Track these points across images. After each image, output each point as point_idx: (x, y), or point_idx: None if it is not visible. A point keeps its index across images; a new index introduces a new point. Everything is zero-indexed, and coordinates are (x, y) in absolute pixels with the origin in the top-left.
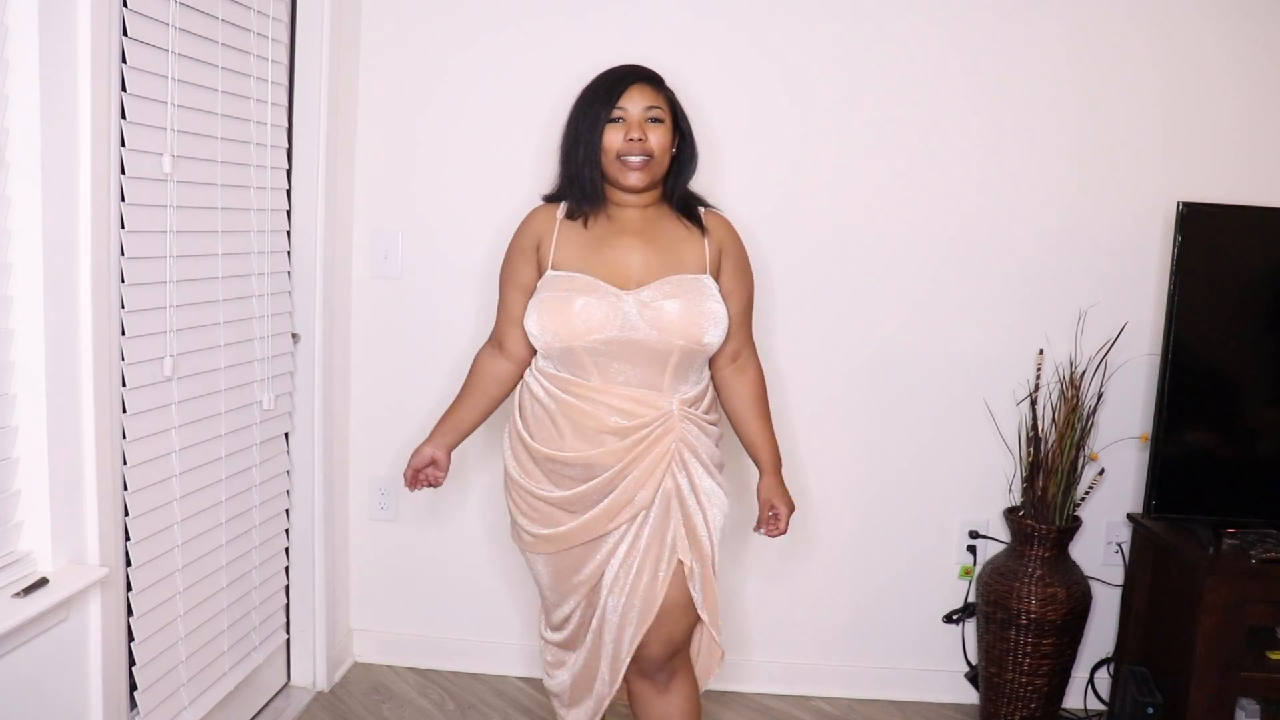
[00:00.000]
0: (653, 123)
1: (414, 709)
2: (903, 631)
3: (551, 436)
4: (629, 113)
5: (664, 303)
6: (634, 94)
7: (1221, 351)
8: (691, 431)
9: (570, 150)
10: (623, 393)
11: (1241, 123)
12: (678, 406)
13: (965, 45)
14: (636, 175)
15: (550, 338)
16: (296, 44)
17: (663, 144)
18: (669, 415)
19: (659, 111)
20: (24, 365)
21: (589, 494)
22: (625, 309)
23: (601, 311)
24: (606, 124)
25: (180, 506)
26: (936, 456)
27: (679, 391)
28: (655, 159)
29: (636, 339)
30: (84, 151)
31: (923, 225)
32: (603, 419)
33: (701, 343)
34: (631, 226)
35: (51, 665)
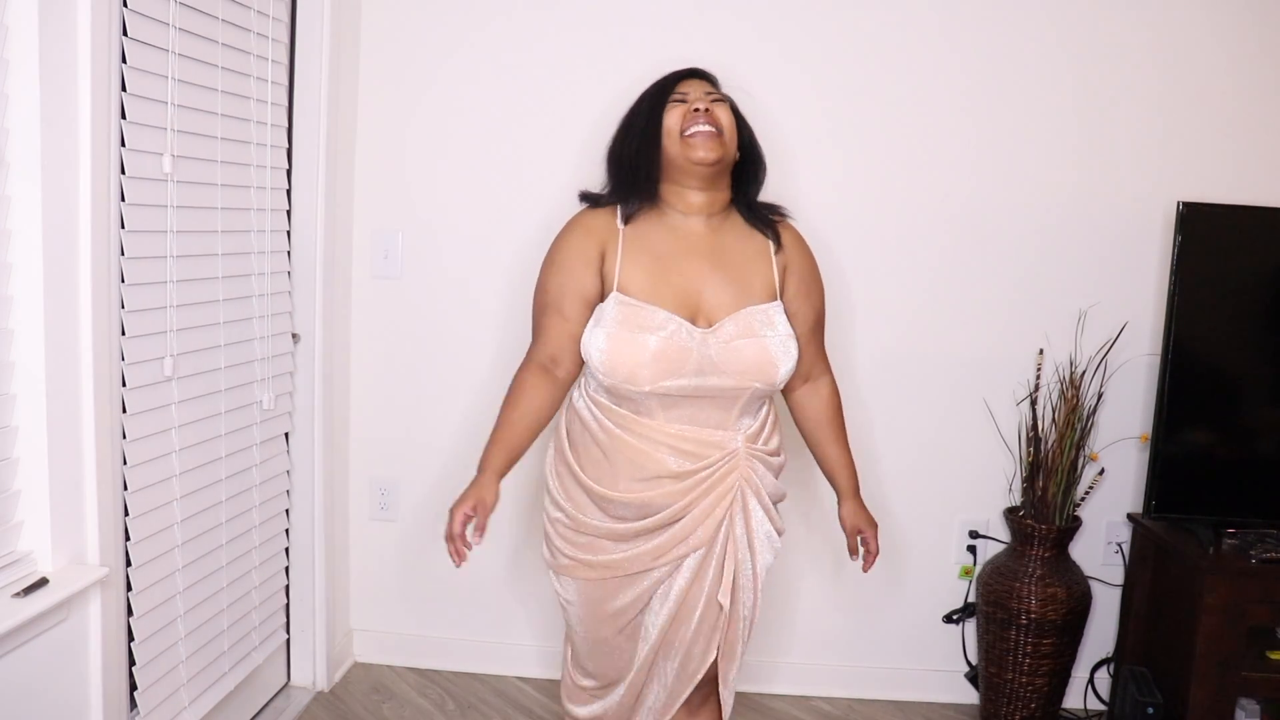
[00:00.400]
0: (716, 102)
1: (414, 709)
2: (903, 631)
3: (604, 474)
4: (689, 95)
5: (739, 343)
6: (692, 83)
7: (1221, 351)
8: (756, 469)
9: (622, 143)
10: (685, 433)
11: (1241, 123)
12: (743, 444)
13: (964, 45)
14: (705, 148)
15: (617, 379)
16: (296, 44)
17: (729, 121)
18: (734, 454)
19: (721, 97)
20: (24, 365)
21: (642, 530)
22: (703, 351)
23: (677, 356)
24: (666, 106)
25: (180, 506)
26: (936, 456)
27: (743, 426)
28: (726, 131)
29: (710, 384)
30: (84, 151)
31: (922, 225)
32: (662, 461)
33: (774, 382)
34: (699, 246)
35: (51, 665)
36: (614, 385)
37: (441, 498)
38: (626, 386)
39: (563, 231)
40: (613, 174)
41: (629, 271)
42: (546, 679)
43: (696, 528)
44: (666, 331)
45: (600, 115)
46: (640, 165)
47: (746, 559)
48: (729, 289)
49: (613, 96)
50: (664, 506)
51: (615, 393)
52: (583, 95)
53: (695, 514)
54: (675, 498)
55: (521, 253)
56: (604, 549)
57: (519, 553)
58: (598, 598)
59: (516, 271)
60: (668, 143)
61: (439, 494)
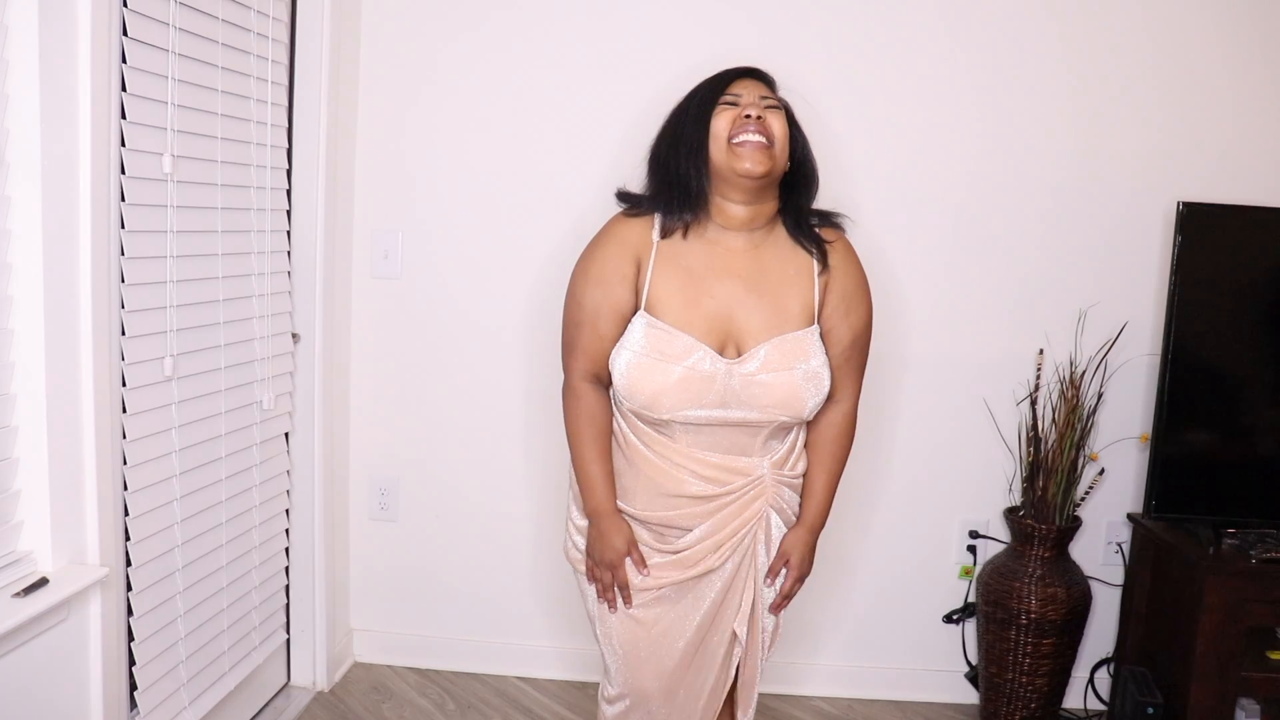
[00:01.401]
0: (771, 109)
1: (414, 709)
2: (903, 631)
3: (625, 488)
4: (742, 98)
5: (765, 377)
6: (747, 83)
7: (1221, 351)
8: (783, 494)
9: (668, 147)
10: (709, 460)
11: (1241, 123)
12: (769, 469)
13: (964, 44)
14: (752, 160)
15: (636, 405)
16: (296, 44)
17: (782, 131)
18: (760, 480)
19: (775, 102)
20: (24, 365)
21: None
22: (728, 384)
23: (700, 386)
24: (716, 109)
25: (180, 506)
26: (937, 456)
27: (770, 451)
28: (776, 146)
29: (734, 417)
30: (84, 151)
31: (922, 225)
32: (684, 483)
33: (802, 415)
34: (735, 265)
35: (51, 665)
36: (633, 409)
37: (441, 498)
38: (646, 412)
39: (598, 240)
40: (655, 179)
41: (660, 289)
42: (547, 679)
43: (718, 547)
44: (691, 360)
45: (601, 113)
46: (688, 176)
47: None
48: (762, 314)
49: (616, 92)
50: (684, 526)
51: (642, 418)
52: (583, 93)
53: (718, 537)
54: (695, 520)
55: (522, 252)
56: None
57: (519, 553)
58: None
59: (517, 271)
60: (714, 148)
61: (439, 494)
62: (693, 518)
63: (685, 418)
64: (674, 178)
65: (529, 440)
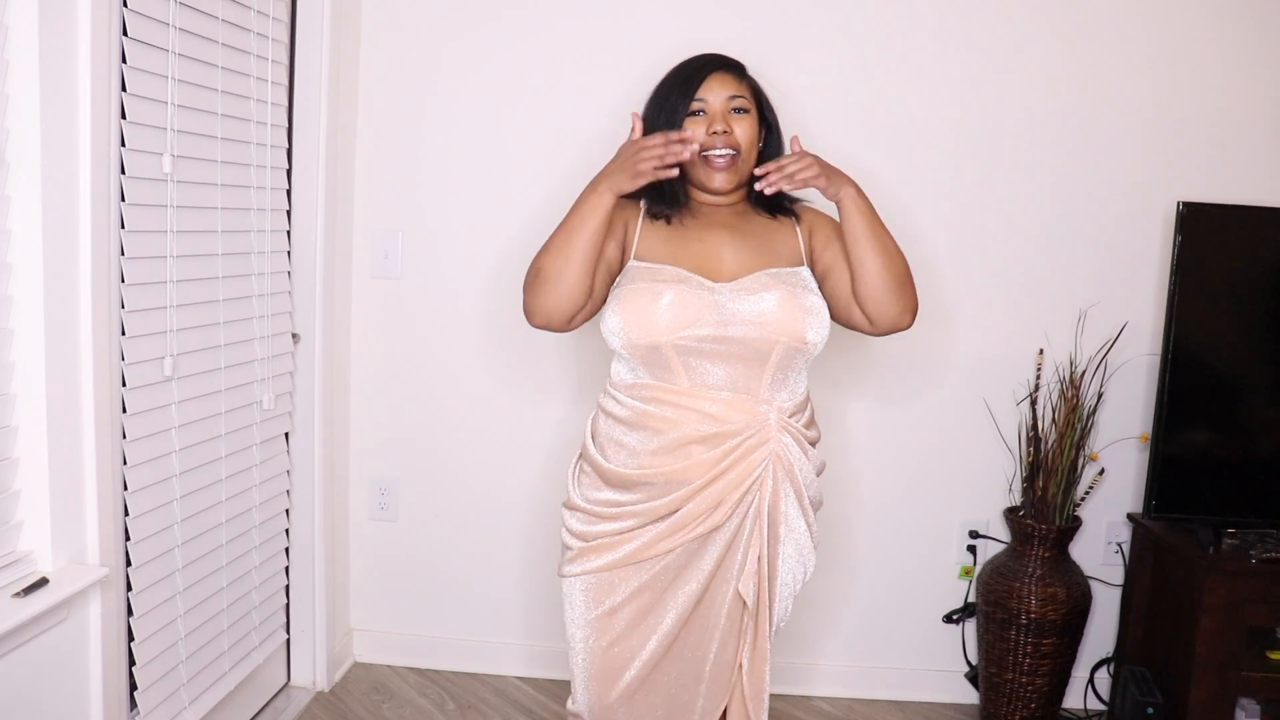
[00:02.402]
0: (737, 114)
1: (414, 709)
2: (903, 631)
3: (629, 456)
4: (710, 104)
5: (762, 294)
6: (713, 84)
7: (1221, 351)
8: (790, 448)
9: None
10: (714, 396)
11: (1241, 123)
12: (775, 415)
13: (963, 44)
14: (722, 176)
15: (635, 334)
16: (296, 44)
17: (749, 137)
18: (765, 422)
19: (743, 101)
20: (24, 365)
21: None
22: (721, 302)
23: (695, 305)
24: (686, 118)
25: (180, 506)
26: (936, 456)
27: (777, 399)
28: (742, 154)
29: (733, 335)
30: (84, 151)
31: (922, 225)
32: (689, 426)
33: (805, 340)
34: (720, 220)
35: (51, 665)
36: (632, 342)
37: (441, 498)
38: (643, 341)
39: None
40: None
41: (647, 243)
42: (546, 679)
43: (719, 501)
44: (685, 286)
45: (606, 111)
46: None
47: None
48: (751, 252)
49: (618, 92)
50: (690, 481)
51: (639, 359)
52: (586, 92)
53: (719, 486)
54: (704, 469)
55: (522, 252)
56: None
57: (520, 553)
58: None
59: (517, 270)
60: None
61: (439, 494)
62: (699, 468)
63: (683, 339)
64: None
65: (529, 440)
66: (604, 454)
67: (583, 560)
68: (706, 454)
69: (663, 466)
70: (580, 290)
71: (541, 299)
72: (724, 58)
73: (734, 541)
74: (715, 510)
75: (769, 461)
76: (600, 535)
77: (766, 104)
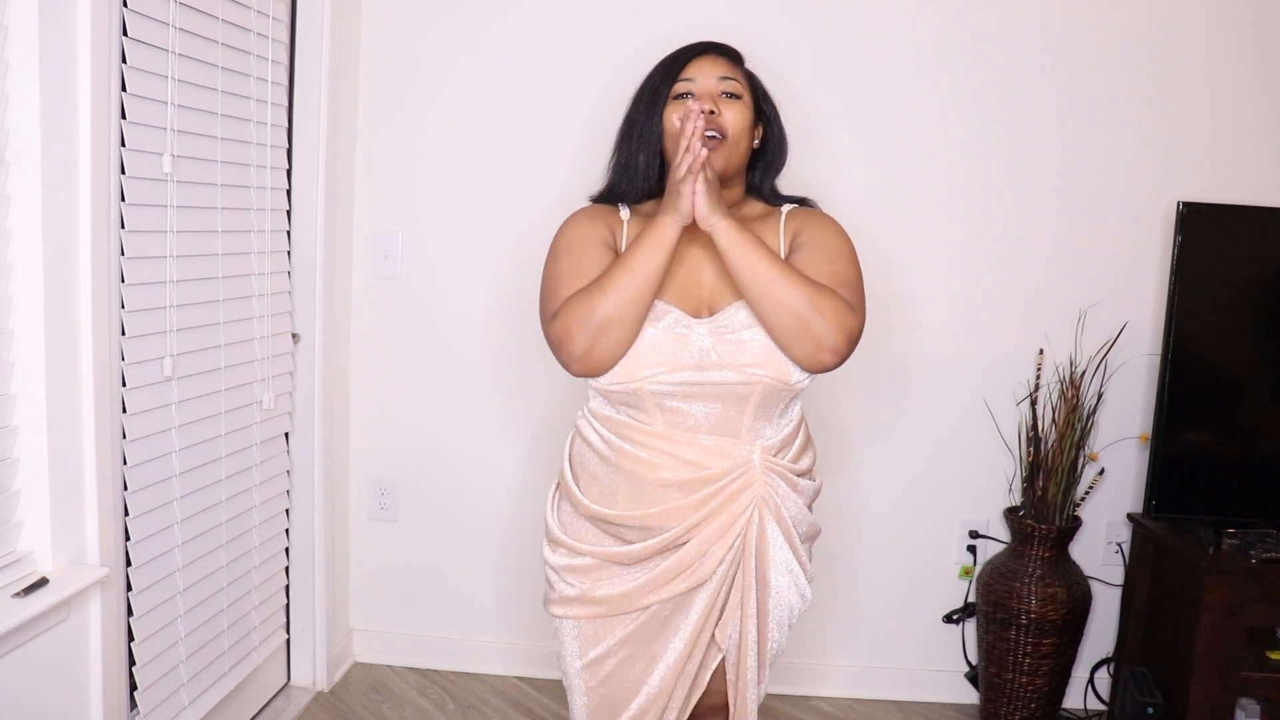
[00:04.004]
0: (727, 98)
1: (414, 709)
2: (903, 631)
3: (605, 493)
4: (697, 84)
5: (742, 333)
6: (703, 64)
7: (1221, 351)
8: (777, 489)
9: (624, 137)
10: (691, 440)
11: (1241, 123)
12: (759, 455)
13: (962, 44)
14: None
15: (608, 379)
16: (296, 44)
17: (740, 124)
18: (747, 465)
19: (735, 85)
20: (24, 365)
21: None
22: (699, 342)
23: (671, 348)
24: (669, 101)
25: (180, 506)
26: (936, 456)
27: (760, 436)
28: (730, 141)
29: (711, 380)
30: (84, 151)
31: (922, 225)
32: (665, 471)
33: (788, 382)
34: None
35: (51, 665)
36: (605, 385)
37: (441, 498)
38: (619, 386)
39: (566, 223)
40: (615, 170)
41: None
42: (547, 679)
43: (704, 554)
44: (663, 322)
45: (609, 109)
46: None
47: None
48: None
49: (621, 91)
50: (667, 527)
51: (613, 397)
52: (588, 91)
53: (702, 538)
54: (681, 516)
55: (522, 252)
56: (604, 579)
57: (520, 552)
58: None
59: (517, 271)
60: (668, 143)
61: (439, 494)
62: (677, 514)
63: (661, 385)
64: (629, 169)
65: (529, 440)
66: (579, 484)
67: (565, 605)
68: (683, 500)
69: (637, 510)
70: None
71: (604, 348)
72: (718, 42)
73: (719, 595)
74: (700, 564)
75: (754, 506)
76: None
77: (764, 96)
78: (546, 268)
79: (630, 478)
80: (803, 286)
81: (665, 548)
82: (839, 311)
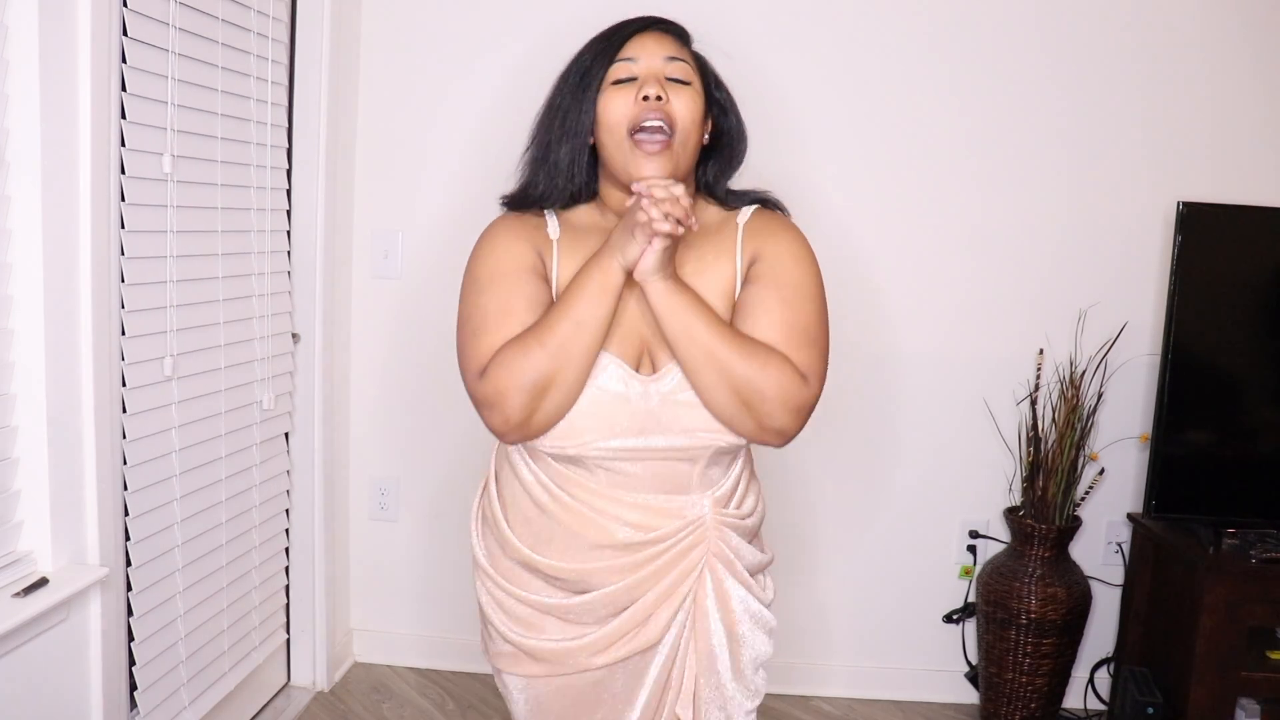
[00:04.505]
0: (675, 83)
1: (414, 709)
2: (903, 631)
3: (539, 537)
4: (639, 65)
5: (688, 395)
6: (645, 41)
7: (1221, 351)
8: (729, 540)
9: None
10: (636, 500)
11: (1242, 123)
12: (711, 509)
13: (963, 45)
14: (654, 164)
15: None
16: (296, 44)
17: (690, 115)
18: (700, 523)
19: (684, 68)
20: (24, 365)
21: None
22: (642, 404)
23: (611, 408)
24: (605, 86)
25: (180, 506)
26: (937, 456)
27: (710, 485)
28: (679, 136)
29: (656, 446)
30: (84, 151)
31: (922, 225)
32: (606, 532)
33: (742, 442)
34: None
35: (51, 665)
36: (539, 448)
37: (441, 498)
38: (553, 448)
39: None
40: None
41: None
42: None
43: (648, 617)
44: (600, 380)
45: None
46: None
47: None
48: None
49: None
50: (605, 584)
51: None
52: None
53: (648, 600)
54: (618, 574)
55: None
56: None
57: None
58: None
59: None
60: (604, 138)
61: (439, 494)
62: (615, 572)
63: (600, 450)
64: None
65: None
66: (507, 515)
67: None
68: (622, 559)
69: (574, 562)
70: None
71: (545, 413)
72: (663, 18)
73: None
74: (646, 625)
75: (704, 562)
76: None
77: (716, 82)
78: (466, 301)
79: (567, 531)
80: (743, 359)
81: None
82: (786, 388)
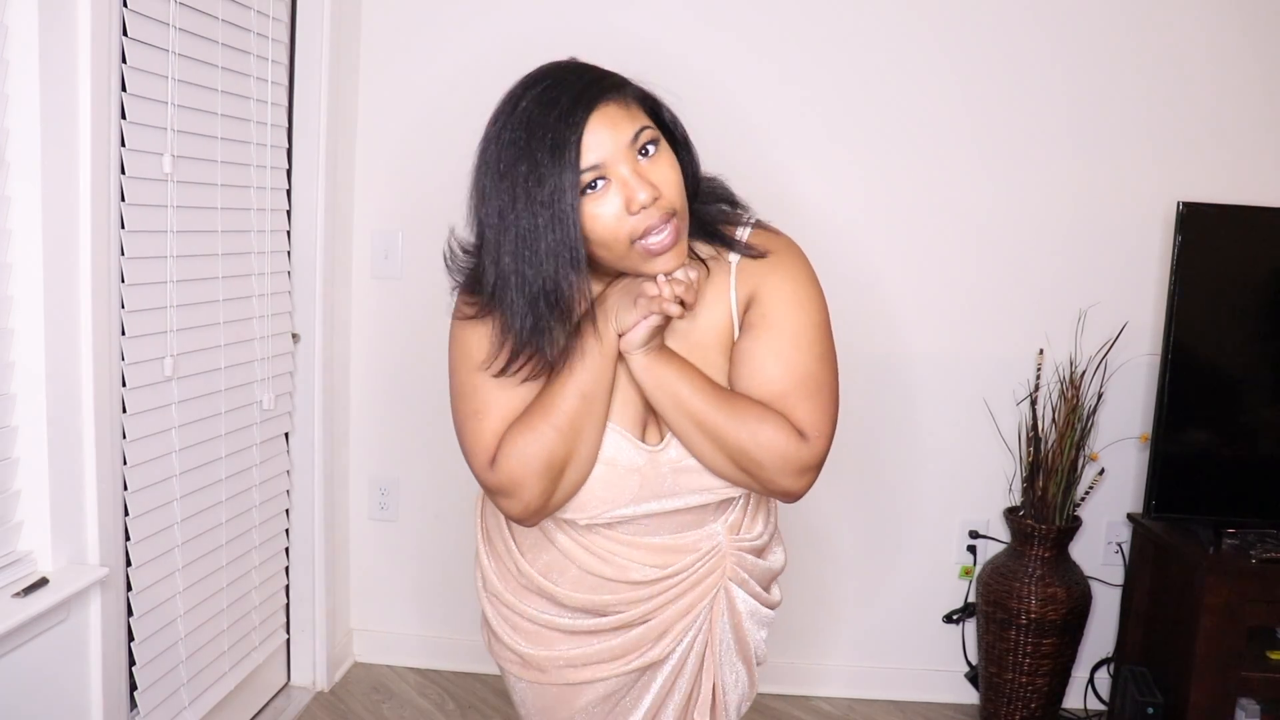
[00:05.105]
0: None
1: (414, 709)
2: (903, 631)
3: (551, 564)
4: (609, 165)
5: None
6: (599, 129)
7: (1221, 351)
8: (744, 561)
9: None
10: (653, 543)
11: (1241, 123)
12: (726, 537)
13: (963, 45)
14: (670, 257)
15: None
16: (296, 44)
17: (676, 177)
18: (716, 550)
19: (649, 132)
20: (24, 365)
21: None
22: (654, 474)
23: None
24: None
25: (180, 506)
26: (936, 456)
27: (723, 513)
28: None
29: (670, 509)
30: (84, 151)
31: (923, 225)
32: (624, 571)
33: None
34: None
35: (51, 665)
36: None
37: (441, 498)
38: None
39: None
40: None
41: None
42: None
43: (663, 634)
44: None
45: None
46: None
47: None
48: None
49: None
50: (620, 611)
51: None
52: None
53: (664, 617)
54: (638, 604)
55: None
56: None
57: None
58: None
59: None
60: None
61: (439, 494)
62: (632, 603)
63: (615, 517)
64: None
65: None
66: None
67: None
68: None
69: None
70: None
71: (563, 493)
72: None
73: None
74: (659, 642)
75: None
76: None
77: (668, 116)
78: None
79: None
80: (735, 428)
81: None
82: (783, 453)
